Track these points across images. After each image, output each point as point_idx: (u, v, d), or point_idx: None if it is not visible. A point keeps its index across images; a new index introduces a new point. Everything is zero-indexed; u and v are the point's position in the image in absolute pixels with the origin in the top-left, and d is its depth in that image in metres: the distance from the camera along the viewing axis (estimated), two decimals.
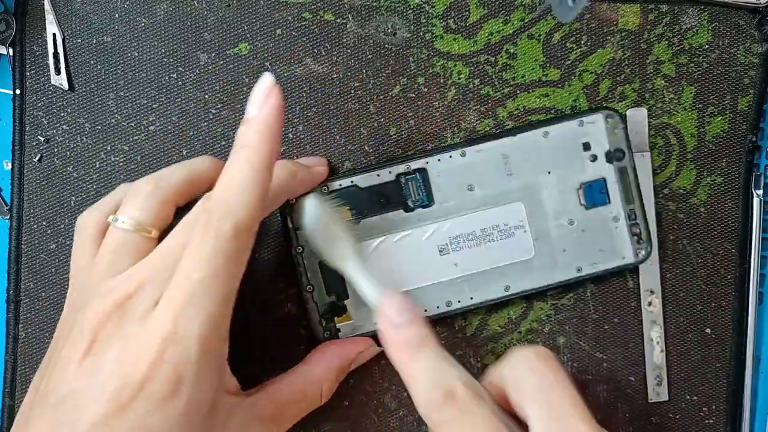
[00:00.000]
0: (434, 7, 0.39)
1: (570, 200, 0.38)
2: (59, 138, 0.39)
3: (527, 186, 0.38)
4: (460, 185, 0.38)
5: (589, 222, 0.38)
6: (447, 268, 0.38)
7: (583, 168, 0.38)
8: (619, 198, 0.38)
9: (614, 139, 0.38)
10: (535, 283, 0.38)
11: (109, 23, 0.39)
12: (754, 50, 0.39)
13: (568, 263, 0.38)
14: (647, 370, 0.40)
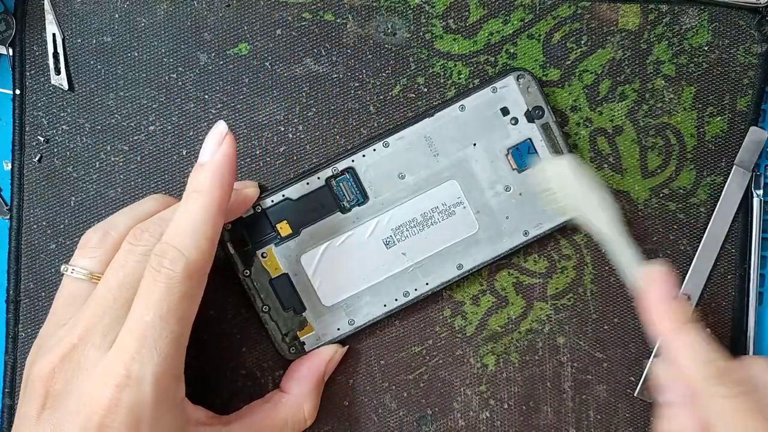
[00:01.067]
0: (434, 7, 0.39)
1: (501, 167, 0.38)
2: (59, 138, 0.39)
3: (456, 162, 0.38)
4: (391, 175, 0.38)
5: (524, 184, 0.38)
6: (396, 260, 0.38)
7: (507, 133, 0.38)
8: (549, 154, 0.38)
9: (530, 98, 0.38)
10: (486, 256, 0.38)
11: (109, 23, 0.39)
12: (753, 50, 0.39)
13: (513, 229, 0.38)
14: (646, 367, 0.40)
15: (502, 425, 0.40)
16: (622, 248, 0.36)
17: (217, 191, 0.32)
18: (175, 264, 0.30)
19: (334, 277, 0.38)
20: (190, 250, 0.31)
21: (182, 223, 0.32)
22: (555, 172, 0.37)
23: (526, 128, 0.38)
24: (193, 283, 0.31)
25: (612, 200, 0.37)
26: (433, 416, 0.40)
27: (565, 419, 0.40)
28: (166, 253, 0.31)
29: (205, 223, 0.32)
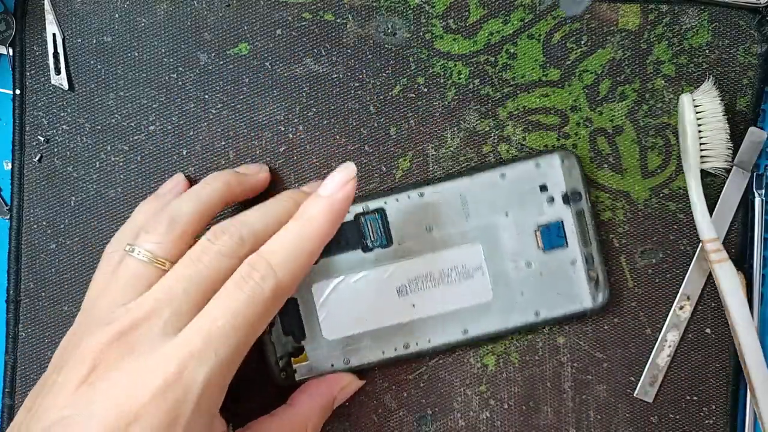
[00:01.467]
0: (434, 7, 0.39)
1: (528, 242, 0.38)
2: (59, 138, 0.39)
3: (485, 227, 0.38)
4: (419, 225, 0.38)
5: (547, 265, 0.38)
6: (405, 310, 0.38)
7: (541, 210, 0.38)
8: (577, 241, 0.38)
9: (571, 180, 0.38)
10: (493, 327, 0.38)
11: (109, 23, 0.39)
12: (753, 51, 0.39)
13: (526, 306, 0.38)
14: (646, 367, 0.40)
15: (502, 425, 0.40)
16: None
17: (327, 227, 0.32)
18: (265, 281, 0.31)
19: (340, 312, 0.38)
20: (284, 272, 0.31)
21: (285, 244, 0.32)
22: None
23: (560, 209, 0.38)
24: (273, 304, 0.31)
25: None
26: (433, 416, 0.40)
27: (565, 419, 0.40)
28: (259, 266, 0.31)
29: (306, 253, 0.32)
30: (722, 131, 0.37)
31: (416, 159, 0.39)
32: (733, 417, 0.40)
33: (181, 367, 0.29)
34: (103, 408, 0.28)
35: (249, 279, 0.31)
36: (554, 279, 0.38)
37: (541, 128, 0.39)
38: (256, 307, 0.30)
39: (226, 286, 0.31)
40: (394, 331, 0.38)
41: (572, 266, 0.38)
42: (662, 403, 0.40)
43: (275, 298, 0.31)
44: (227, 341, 0.30)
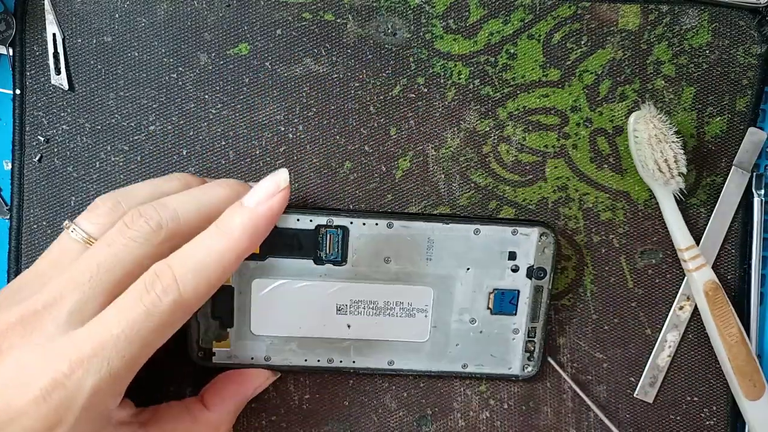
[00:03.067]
0: (434, 7, 0.39)
1: (479, 301, 0.38)
2: (59, 138, 0.39)
3: (443, 276, 0.38)
4: (378, 254, 0.37)
5: (489, 326, 0.38)
6: (339, 328, 0.38)
7: (502, 275, 0.38)
8: (526, 313, 0.38)
9: (542, 257, 0.38)
10: (419, 366, 0.38)
11: (109, 23, 0.39)
12: (753, 51, 0.39)
13: (455, 357, 0.39)
14: (646, 367, 0.40)
15: (502, 425, 0.40)
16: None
17: (245, 243, 0.30)
18: (166, 294, 0.29)
19: (274, 311, 0.37)
20: (187, 288, 0.29)
21: (193, 257, 0.30)
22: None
23: (521, 280, 0.38)
24: (173, 318, 0.30)
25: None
26: (433, 416, 0.40)
27: (565, 419, 0.40)
28: (163, 277, 0.29)
29: (216, 270, 0.30)
30: (666, 151, 0.37)
31: (416, 159, 0.39)
32: (734, 418, 0.40)
33: (70, 370, 0.28)
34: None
35: (151, 290, 0.29)
36: (492, 340, 0.39)
37: (541, 128, 0.39)
38: (153, 321, 0.29)
39: (128, 292, 0.29)
40: (321, 344, 0.38)
41: (514, 334, 0.39)
42: (662, 403, 0.40)
43: (174, 313, 0.29)
44: (120, 352, 0.28)
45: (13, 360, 0.28)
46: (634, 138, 0.38)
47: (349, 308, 0.38)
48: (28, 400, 0.28)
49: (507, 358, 0.39)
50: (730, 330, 0.38)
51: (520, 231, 0.38)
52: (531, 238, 0.38)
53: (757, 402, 0.38)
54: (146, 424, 0.33)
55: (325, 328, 0.38)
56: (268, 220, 0.31)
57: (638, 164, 0.38)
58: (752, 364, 0.38)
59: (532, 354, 0.39)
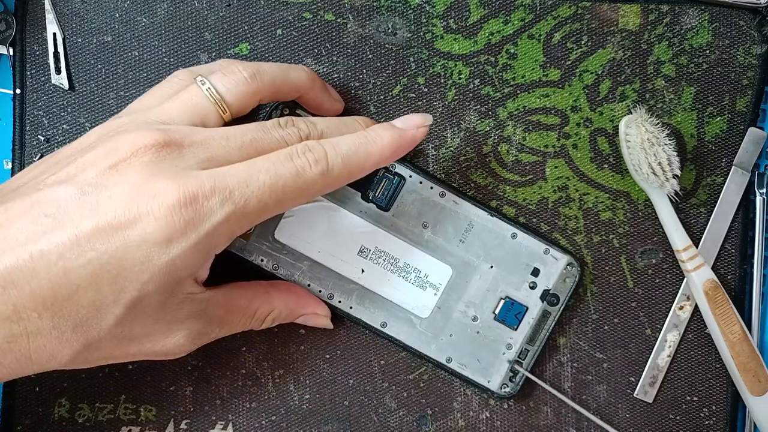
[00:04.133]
0: (435, 7, 0.39)
1: (488, 301, 0.38)
2: (59, 137, 0.39)
3: (466, 262, 0.38)
4: (420, 216, 0.38)
5: (487, 330, 0.38)
6: (352, 268, 0.38)
7: (519, 286, 0.38)
8: (526, 332, 0.38)
9: (561, 284, 0.38)
10: (407, 340, 0.38)
11: (109, 23, 0.39)
12: (753, 51, 0.39)
13: (444, 347, 0.38)
14: (646, 367, 0.40)
15: (502, 425, 0.40)
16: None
17: (387, 152, 0.33)
18: (316, 164, 0.31)
19: (303, 226, 0.37)
20: (334, 167, 0.31)
21: (343, 147, 0.32)
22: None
23: (533, 299, 0.38)
24: (310, 190, 0.31)
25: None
26: (433, 416, 0.40)
27: (565, 419, 0.40)
28: (316, 150, 0.31)
29: (358, 166, 0.32)
30: (659, 154, 0.37)
31: (416, 159, 0.39)
32: (733, 418, 0.40)
33: (211, 193, 0.29)
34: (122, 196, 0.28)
35: (302, 156, 0.31)
36: (484, 346, 0.38)
37: (541, 128, 0.40)
38: (297, 183, 0.31)
39: (277, 152, 0.31)
40: (330, 277, 0.38)
41: (507, 349, 0.38)
42: (662, 403, 0.40)
43: (315, 185, 0.31)
44: (260, 197, 0.30)
45: (150, 174, 0.29)
46: (626, 142, 0.38)
47: (371, 254, 0.38)
48: (159, 205, 0.28)
49: (490, 370, 0.38)
50: (731, 328, 0.38)
51: (551, 252, 0.38)
52: (558, 263, 0.38)
53: (763, 397, 0.38)
54: (210, 290, 0.33)
55: (340, 263, 0.38)
56: (409, 143, 0.34)
57: (631, 168, 0.38)
58: (756, 359, 0.38)
59: (515, 375, 0.39)
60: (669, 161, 0.37)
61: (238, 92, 0.33)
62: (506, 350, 0.38)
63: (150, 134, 0.30)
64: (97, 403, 0.39)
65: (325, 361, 0.40)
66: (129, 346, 0.31)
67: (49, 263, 0.28)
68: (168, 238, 0.28)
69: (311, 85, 0.36)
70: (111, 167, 0.29)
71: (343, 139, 0.33)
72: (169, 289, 0.30)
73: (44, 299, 0.28)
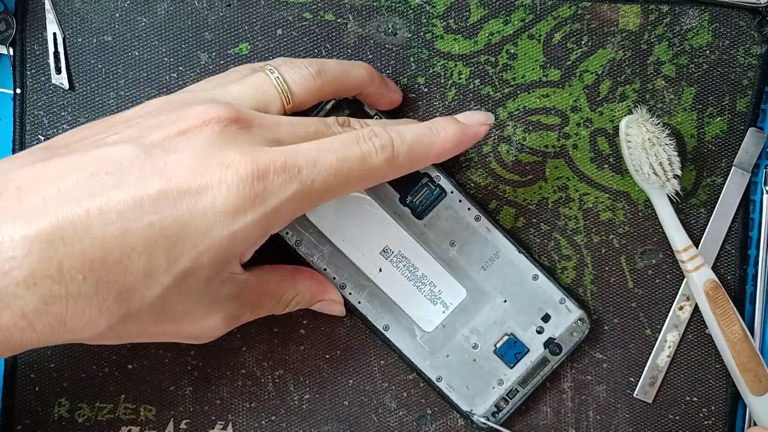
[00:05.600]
0: (435, 7, 0.39)
1: (492, 334, 0.38)
2: None
3: (482, 291, 0.38)
4: (450, 233, 0.38)
5: (484, 361, 0.38)
6: (372, 266, 0.38)
7: (526, 327, 0.38)
8: (521, 373, 0.38)
9: (567, 336, 0.38)
10: (404, 348, 0.38)
11: (109, 23, 0.39)
12: (753, 52, 0.39)
13: (438, 365, 0.38)
14: (646, 367, 0.40)
15: (502, 425, 0.40)
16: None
17: (449, 146, 0.33)
18: (383, 150, 0.31)
19: (334, 211, 0.37)
20: (400, 153, 0.32)
21: (408, 136, 0.32)
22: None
23: (536, 344, 0.38)
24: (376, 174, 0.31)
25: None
26: (432, 416, 0.40)
27: (565, 419, 0.40)
28: (382, 136, 0.31)
29: (421, 156, 0.33)
30: (660, 154, 0.37)
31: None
32: (733, 418, 0.40)
33: (282, 169, 0.29)
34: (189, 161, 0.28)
35: (369, 141, 0.31)
36: (477, 375, 0.38)
37: (541, 128, 0.40)
38: (362, 166, 0.31)
39: (344, 135, 0.31)
40: (348, 267, 0.38)
41: (497, 384, 0.38)
42: (662, 403, 0.40)
43: (383, 169, 0.31)
44: (326, 178, 0.30)
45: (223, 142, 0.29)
46: (627, 143, 0.38)
47: (393, 256, 0.38)
48: (232, 175, 0.28)
49: (476, 399, 0.38)
50: (732, 328, 0.38)
51: (566, 303, 0.38)
52: (570, 315, 0.38)
53: (764, 397, 0.38)
54: (246, 272, 0.33)
55: (361, 257, 0.38)
56: (470, 139, 0.34)
57: (632, 169, 0.38)
58: (756, 359, 0.38)
59: (498, 411, 0.39)
60: (670, 161, 0.37)
61: (304, 85, 0.33)
62: (497, 385, 0.38)
63: (221, 107, 0.30)
64: (96, 402, 0.39)
65: (325, 361, 0.40)
66: (167, 324, 0.30)
67: (106, 221, 0.26)
68: (236, 209, 0.28)
69: (370, 81, 0.36)
70: (180, 133, 0.29)
71: (407, 128, 0.33)
72: (220, 265, 0.29)
73: (93, 260, 0.26)
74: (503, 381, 0.38)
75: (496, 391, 0.38)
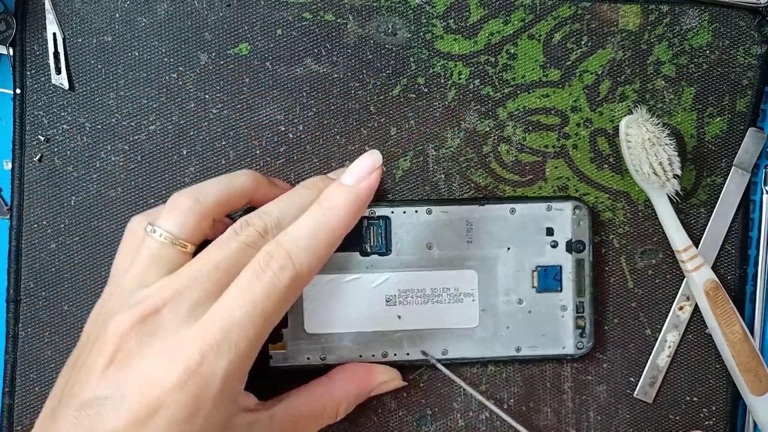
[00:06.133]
0: (435, 7, 0.39)
1: (523, 280, 0.38)
2: (59, 137, 0.39)
3: (485, 257, 0.38)
4: (420, 241, 0.38)
5: (537, 305, 0.38)
6: (390, 319, 0.38)
7: (542, 251, 0.38)
8: (572, 288, 0.38)
9: (578, 230, 0.38)
10: (473, 353, 0.38)
11: (109, 23, 0.39)
12: (753, 52, 0.39)
13: (508, 340, 0.38)
14: (646, 367, 0.40)
15: (502, 425, 0.40)
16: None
17: (349, 218, 0.32)
18: (283, 271, 0.30)
19: (326, 308, 0.38)
20: (302, 262, 0.31)
21: (304, 233, 0.31)
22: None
23: (562, 255, 0.38)
24: (291, 294, 0.31)
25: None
26: (432, 416, 0.40)
27: (565, 420, 0.40)
28: (277, 255, 0.31)
29: (325, 245, 0.32)
30: (660, 154, 0.37)
31: (416, 159, 0.39)
32: (733, 418, 0.40)
33: (201, 357, 0.29)
34: (130, 391, 0.29)
35: (267, 269, 0.30)
36: (542, 320, 0.38)
37: (541, 128, 0.40)
38: (273, 297, 0.30)
39: (243, 274, 0.31)
40: (375, 338, 0.38)
41: (562, 311, 0.38)
42: (662, 403, 0.40)
43: (293, 288, 0.31)
44: (246, 333, 0.30)
45: (144, 357, 0.29)
46: (627, 143, 0.38)
47: (398, 298, 0.38)
48: (166, 390, 0.28)
49: (559, 337, 0.38)
50: (732, 327, 0.38)
51: (554, 206, 0.38)
52: (565, 212, 0.38)
53: (764, 397, 0.38)
54: (272, 407, 0.34)
55: (376, 321, 0.38)
56: (367, 196, 0.33)
57: (632, 169, 0.38)
58: (756, 359, 0.38)
59: (583, 330, 0.38)
60: (670, 161, 0.37)
61: (187, 224, 0.33)
62: (563, 312, 0.38)
63: (126, 316, 0.30)
64: None
65: None
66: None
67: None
68: (189, 414, 0.29)
69: (256, 187, 0.35)
70: (108, 365, 0.30)
71: (300, 227, 0.32)
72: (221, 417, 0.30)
73: None
74: (565, 305, 0.38)
75: (568, 317, 0.38)
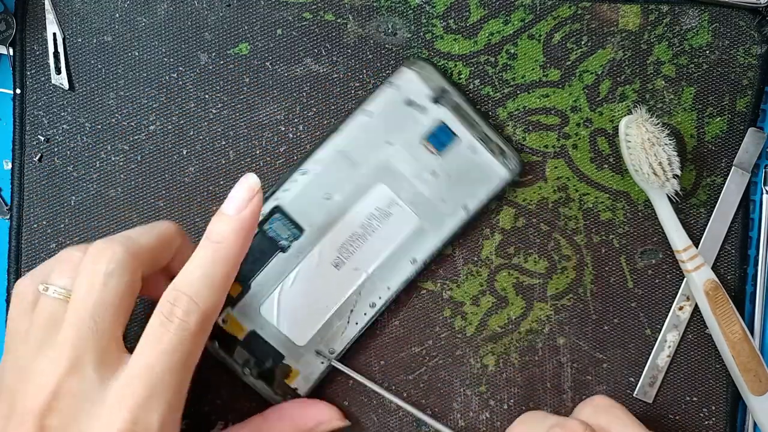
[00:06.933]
0: (435, 7, 0.39)
1: (423, 156, 0.38)
2: (59, 137, 0.39)
3: (379, 166, 0.38)
4: (318, 200, 0.38)
5: (449, 165, 0.38)
6: (351, 277, 0.38)
7: (419, 122, 0.38)
8: (465, 130, 0.38)
9: (432, 83, 0.38)
10: (435, 243, 0.38)
11: (109, 23, 0.39)
12: (753, 52, 0.39)
13: (452, 209, 0.38)
14: (646, 367, 0.40)
15: (502, 426, 0.40)
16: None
17: (238, 247, 0.31)
18: (189, 315, 0.30)
19: (298, 316, 0.38)
20: (205, 300, 0.30)
21: (198, 272, 0.31)
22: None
23: (436, 113, 0.38)
24: (202, 334, 0.31)
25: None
26: (433, 416, 0.40)
27: None
28: (180, 302, 0.30)
29: (221, 276, 0.31)
30: (660, 154, 0.37)
31: None
32: (733, 418, 0.40)
33: (133, 416, 0.28)
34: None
35: (173, 317, 0.30)
36: (463, 172, 0.38)
37: (541, 128, 0.40)
38: (186, 342, 0.30)
39: (152, 325, 0.30)
40: (353, 301, 0.38)
41: (473, 153, 0.38)
42: (662, 403, 0.40)
43: (203, 327, 0.30)
44: (170, 382, 0.29)
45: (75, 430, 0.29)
46: (626, 143, 0.38)
47: (342, 257, 0.38)
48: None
49: (488, 172, 0.38)
50: (732, 328, 0.38)
51: (393, 81, 0.38)
52: (408, 76, 0.38)
53: (764, 397, 0.38)
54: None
55: (342, 287, 0.38)
56: (251, 223, 0.32)
57: (631, 169, 0.38)
58: (756, 359, 0.38)
59: (502, 152, 0.38)
60: (669, 161, 0.37)
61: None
62: (474, 152, 0.38)
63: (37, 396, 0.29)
64: None
65: None
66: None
67: None
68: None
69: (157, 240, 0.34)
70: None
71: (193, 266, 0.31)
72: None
73: None
74: (471, 146, 0.38)
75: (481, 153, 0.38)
